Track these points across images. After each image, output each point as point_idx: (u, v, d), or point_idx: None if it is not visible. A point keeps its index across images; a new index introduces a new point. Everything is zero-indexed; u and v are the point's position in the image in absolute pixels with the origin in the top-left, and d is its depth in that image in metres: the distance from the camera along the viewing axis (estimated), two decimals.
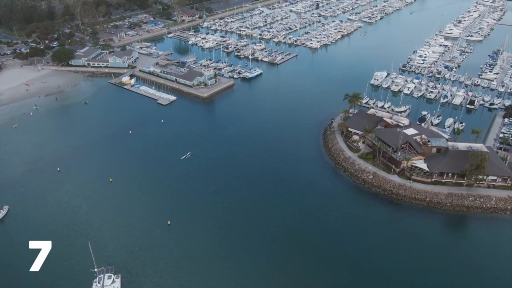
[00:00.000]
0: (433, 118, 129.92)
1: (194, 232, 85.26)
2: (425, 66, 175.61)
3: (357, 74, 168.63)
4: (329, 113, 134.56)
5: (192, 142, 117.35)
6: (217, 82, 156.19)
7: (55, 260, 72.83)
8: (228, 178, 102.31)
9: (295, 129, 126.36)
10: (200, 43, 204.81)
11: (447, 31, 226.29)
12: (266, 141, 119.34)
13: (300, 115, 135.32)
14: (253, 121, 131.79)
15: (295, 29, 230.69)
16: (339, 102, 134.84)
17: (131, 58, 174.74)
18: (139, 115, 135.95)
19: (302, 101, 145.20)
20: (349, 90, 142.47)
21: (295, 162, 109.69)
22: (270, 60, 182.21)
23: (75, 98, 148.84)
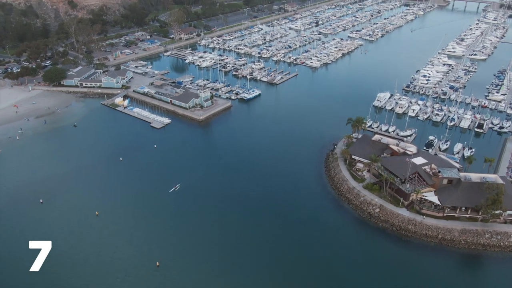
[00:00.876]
0: (440, 143, 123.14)
1: (186, 274, 77.45)
2: (429, 87, 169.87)
3: (359, 94, 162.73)
4: (331, 137, 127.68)
5: (184, 170, 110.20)
6: (214, 103, 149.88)
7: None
8: (222, 212, 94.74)
9: (295, 155, 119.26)
10: (197, 62, 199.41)
11: (450, 49, 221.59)
12: (265, 169, 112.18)
13: (301, 139, 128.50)
14: (251, 146, 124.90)
15: (294, 47, 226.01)
16: (341, 125, 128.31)
17: (125, 78, 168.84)
18: (131, 139, 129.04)
19: (303, 124, 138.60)
20: (352, 112, 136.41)
21: (295, 192, 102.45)
22: (269, 80, 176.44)
23: (65, 121, 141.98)
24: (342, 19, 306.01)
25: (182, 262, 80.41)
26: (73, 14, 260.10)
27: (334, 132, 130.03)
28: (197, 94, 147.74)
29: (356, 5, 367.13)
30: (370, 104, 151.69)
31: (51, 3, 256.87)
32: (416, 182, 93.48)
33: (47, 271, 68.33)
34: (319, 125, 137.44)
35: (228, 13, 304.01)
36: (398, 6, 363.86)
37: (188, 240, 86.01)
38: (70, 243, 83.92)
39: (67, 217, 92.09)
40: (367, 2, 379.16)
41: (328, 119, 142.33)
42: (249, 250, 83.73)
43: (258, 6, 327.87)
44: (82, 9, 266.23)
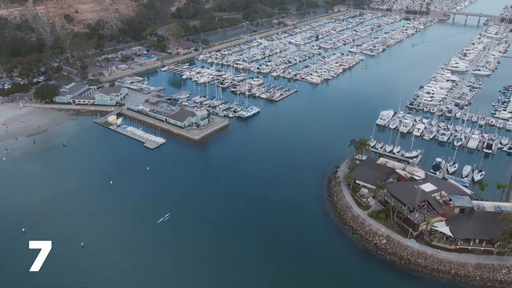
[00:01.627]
0: (448, 166, 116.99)
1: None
2: (433, 104, 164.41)
3: (361, 112, 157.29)
4: (333, 158, 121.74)
5: (177, 196, 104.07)
6: (211, 122, 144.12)
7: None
8: (216, 240, 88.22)
9: (295, 179, 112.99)
10: (194, 78, 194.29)
11: (453, 64, 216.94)
12: (263, 193, 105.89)
13: (301, 160, 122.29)
14: (249, 168, 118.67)
15: (294, 62, 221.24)
16: (343, 145, 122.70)
17: (120, 95, 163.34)
18: (123, 160, 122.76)
19: (303, 143, 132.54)
20: (354, 132, 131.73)
21: (296, 219, 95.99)
22: (268, 96, 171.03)
23: (55, 140, 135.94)
24: (342, 33, 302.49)
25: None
26: (70, 28, 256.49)
27: (336, 153, 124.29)
28: (193, 112, 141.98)
29: (356, 19, 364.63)
30: (373, 122, 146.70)
31: (47, 17, 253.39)
32: (426, 211, 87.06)
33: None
34: (321, 145, 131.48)
35: (227, 27, 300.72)
36: (398, 20, 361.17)
37: (180, 279, 79.21)
38: (51, 280, 77.08)
39: (51, 250, 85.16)
40: (367, 16, 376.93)
41: (330, 138, 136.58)
42: (247, 283, 77.01)
43: (257, 20, 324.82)
44: (79, 23, 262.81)
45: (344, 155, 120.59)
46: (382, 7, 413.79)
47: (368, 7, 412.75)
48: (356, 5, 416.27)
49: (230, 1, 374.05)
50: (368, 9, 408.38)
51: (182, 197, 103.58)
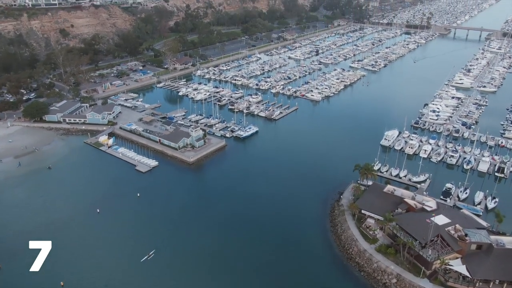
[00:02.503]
0: (459, 192, 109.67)
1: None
2: (439, 123, 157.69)
3: (364, 131, 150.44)
4: (336, 183, 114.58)
5: (168, 226, 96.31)
6: (207, 143, 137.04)
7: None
8: (207, 283, 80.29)
9: (296, 206, 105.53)
10: (191, 95, 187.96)
11: (457, 81, 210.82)
12: (261, 223, 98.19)
13: (302, 185, 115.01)
14: (246, 194, 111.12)
15: (294, 78, 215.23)
16: (346, 168, 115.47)
17: (112, 114, 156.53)
18: (112, 186, 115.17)
19: (304, 166, 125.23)
20: (358, 153, 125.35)
21: (297, 254, 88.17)
22: (267, 115, 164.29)
23: (41, 162, 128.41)
24: (342, 48, 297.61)
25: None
26: (65, 43, 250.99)
27: (339, 177, 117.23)
28: (188, 133, 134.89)
29: (357, 33, 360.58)
30: (377, 142, 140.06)
31: (42, 31, 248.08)
32: (439, 247, 79.31)
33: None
34: (322, 168, 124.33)
35: (226, 41, 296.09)
36: (399, 34, 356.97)
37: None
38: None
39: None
40: (368, 31, 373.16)
41: (332, 160, 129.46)
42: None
43: (256, 35, 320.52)
44: (75, 37, 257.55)
45: (347, 180, 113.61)
46: (382, 21, 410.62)
47: (368, 21, 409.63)
48: (356, 19, 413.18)
49: (229, 15, 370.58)
50: (368, 23, 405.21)
51: (171, 229, 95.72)
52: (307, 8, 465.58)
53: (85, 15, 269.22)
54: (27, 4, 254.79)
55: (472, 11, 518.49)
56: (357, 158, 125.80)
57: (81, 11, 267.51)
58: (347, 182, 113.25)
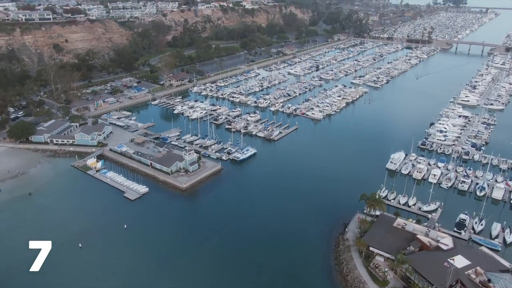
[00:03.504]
0: (474, 223, 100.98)
1: None
2: (447, 144, 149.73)
3: (369, 153, 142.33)
4: (340, 212, 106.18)
5: (154, 266, 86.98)
6: (201, 167, 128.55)
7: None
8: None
9: (297, 239, 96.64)
10: (186, 113, 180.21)
11: (463, 98, 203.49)
12: (258, 260, 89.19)
13: (303, 214, 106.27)
14: (242, 226, 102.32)
15: (294, 95, 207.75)
16: (351, 195, 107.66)
17: (102, 134, 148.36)
18: (97, 216, 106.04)
19: (305, 193, 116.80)
20: (362, 179, 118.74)
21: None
22: (266, 135, 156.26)
23: (23, 188, 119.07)
24: (343, 63, 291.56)
25: None
26: (58, 58, 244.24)
27: (343, 205, 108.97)
28: (181, 156, 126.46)
29: (357, 48, 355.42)
30: (383, 166, 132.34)
31: (35, 46, 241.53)
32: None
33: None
34: (325, 195, 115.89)
35: (224, 56, 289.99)
36: (400, 49, 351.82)
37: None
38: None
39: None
40: (368, 45, 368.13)
41: (335, 186, 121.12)
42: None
43: (255, 49, 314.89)
44: (69, 53, 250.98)
45: (352, 209, 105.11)
46: (382, 36, 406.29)
47: (369, 36, 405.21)
48: (356, 34, 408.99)
49: (227, 30, 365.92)
50: (369, 37, 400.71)
51: (160, 268, 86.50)
52: (307, 22, 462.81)
53: (80, 29, 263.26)
54: (20, 19, 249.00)
55: (472, 26, 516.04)
56: (362, 183, 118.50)
57: (76, 26, 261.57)
58: (352, 212, 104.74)
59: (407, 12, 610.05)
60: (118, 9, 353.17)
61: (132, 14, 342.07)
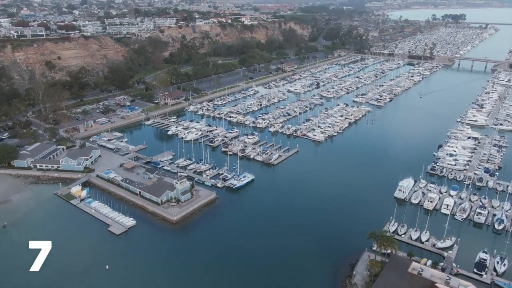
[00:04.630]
0: (495, 263, 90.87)
1: None
2: (459, 169, 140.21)
3: (375, 180, 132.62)
4: (346, 249, 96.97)
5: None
6: (194, 196, 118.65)
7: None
8: None
9: (297, 282, 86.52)
10: (181, 134, 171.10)
11: (471, 118, 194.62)
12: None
13: (305, 252, 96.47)
14: (239, 265, 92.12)
15: (294, 114, 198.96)
16: (357, 229, 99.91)
17: (89, 159, 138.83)
18: (77, 255, 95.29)
19: (307, 226, 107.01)
20: (369, 209, 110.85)
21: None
22: (265, 159, 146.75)
23: (0, 219, 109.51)
24: (344, 80, 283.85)
25: None
26: (50, 75, 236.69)
27: (349, 241, 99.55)
28: (172, 185, 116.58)
29: (358, 64, 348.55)
30: (390, 194, 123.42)
31: (27, 64, 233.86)
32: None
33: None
34: (329, 228, 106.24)
35: (222, 73, 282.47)
36: (402, 65, 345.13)
37: None
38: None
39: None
40: (369, 61, 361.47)
41: (340, 217, 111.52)
42: None
43: (254, 66, 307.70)
44: (61, 70, 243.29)
45: (360, 246, 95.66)
46: (383, 52, 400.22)
47: (369, 52, 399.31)
48: (357, 50, 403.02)
49: (226, 46, 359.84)
50: (369, 53, 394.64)
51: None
52: (306, 38, 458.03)
53: (73, 46, 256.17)
54: (12, 35, 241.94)
55: (473, 41, 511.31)
56: (369, 215, 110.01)
57: (70, 42, 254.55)
58: (359, 249, 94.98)
59: (407, 27, 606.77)
60: (114, 25, 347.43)
61: (128, 30, 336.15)
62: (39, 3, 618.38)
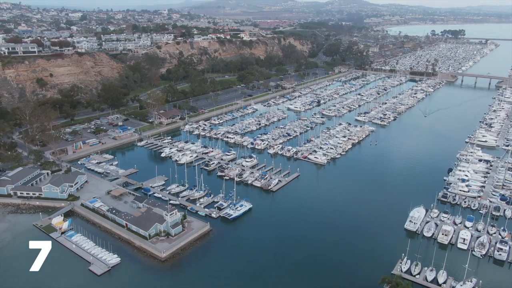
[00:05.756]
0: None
1: None
2: (472, 196, 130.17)
3: (383, 209, 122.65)
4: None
5: None
6: (186, 228, 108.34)
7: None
8: None
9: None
10: (175, 156, 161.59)
11: (480, 138, 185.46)
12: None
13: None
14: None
15: (294, 134, 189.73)
16: (366, 269, 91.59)
17: (74, 186, 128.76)
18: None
19: (309, 264, 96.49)
20: (378, 243, 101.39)
21: None
22: (263, 185, 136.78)
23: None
24: (345, 97, 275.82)
25: None
26: (41, 93, 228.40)
27: (357, 283, 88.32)
28: (162, 216, 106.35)
29: (359, 80, 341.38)
30: (400, 225, 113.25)
31: (17, 81, 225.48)
32: None
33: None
34: (334, 267, 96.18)
35: (220, 90, 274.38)
36: (404, 81, 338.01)
37: None
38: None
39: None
40: (370, 78, 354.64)
41: (346, 254, 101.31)
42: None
43: (253, 83, 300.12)
44: (53, 87, 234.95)
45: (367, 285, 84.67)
46: (385, 68, 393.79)
47: (370, 68, 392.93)
48: (358, 66, 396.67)
49: (224, 62, 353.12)
50: (370, 69, 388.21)
51: None
52: (306, 54, 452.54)
53: (66, 63, 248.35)
54: (3, 52, 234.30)
55: (475, 57, 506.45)
56: (378, 250, 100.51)
57: (63, 59, 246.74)
58: None
59: (407, 43, 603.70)
60: (111, 41, 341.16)
61: (125, 46, 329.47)
62: (38, 19, 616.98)
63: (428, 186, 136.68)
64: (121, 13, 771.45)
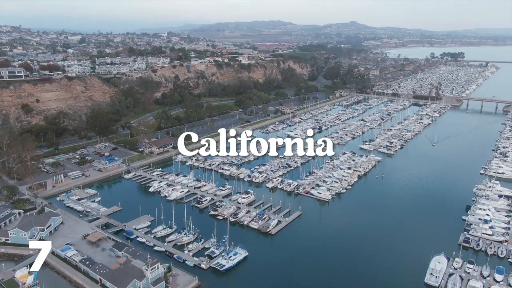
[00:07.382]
0: None
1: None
2: (498, 240, 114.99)
3: (397, 257, 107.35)
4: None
5: None
6: (171, 285, 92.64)
7: None
8: None
9: None
10: (164, 192, 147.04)
11: (496, 169, 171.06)
12: None
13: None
14: None
15: (295, 165, 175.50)
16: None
17: (46, 229, 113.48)
18: None
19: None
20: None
21: None
22: (261, 227, 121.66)
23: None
24: (348, 123, 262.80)
25: None
26: (26, 120, 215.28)
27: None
28: (141, 271, 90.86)
29: (361, 105, 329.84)
30: (420, 279, 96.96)
31: (1, 107, 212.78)
32: None
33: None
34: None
35: (216, 115, 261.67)
36: (407, 106, 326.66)
37: None
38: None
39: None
40: (373, 102, 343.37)
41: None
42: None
43: (251, 107, 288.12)
44: (39, 114, 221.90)
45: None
46: (387, 91, 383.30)
47: (372, 91, 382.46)
48: (359, 89, 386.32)
49: (222, 86, 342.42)
50: (372, 93, 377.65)
51: None
52: (306, 77, 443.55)
53: (55, 88, 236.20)
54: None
55: (477, 80, 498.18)
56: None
57: (50, 84, 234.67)
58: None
59: (407, 66, 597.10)
60: (105, 64, 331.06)
61: (119, 70, 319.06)
62: (37, 42, 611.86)
63: (446, 228, 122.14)
64: (120, 36, 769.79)
